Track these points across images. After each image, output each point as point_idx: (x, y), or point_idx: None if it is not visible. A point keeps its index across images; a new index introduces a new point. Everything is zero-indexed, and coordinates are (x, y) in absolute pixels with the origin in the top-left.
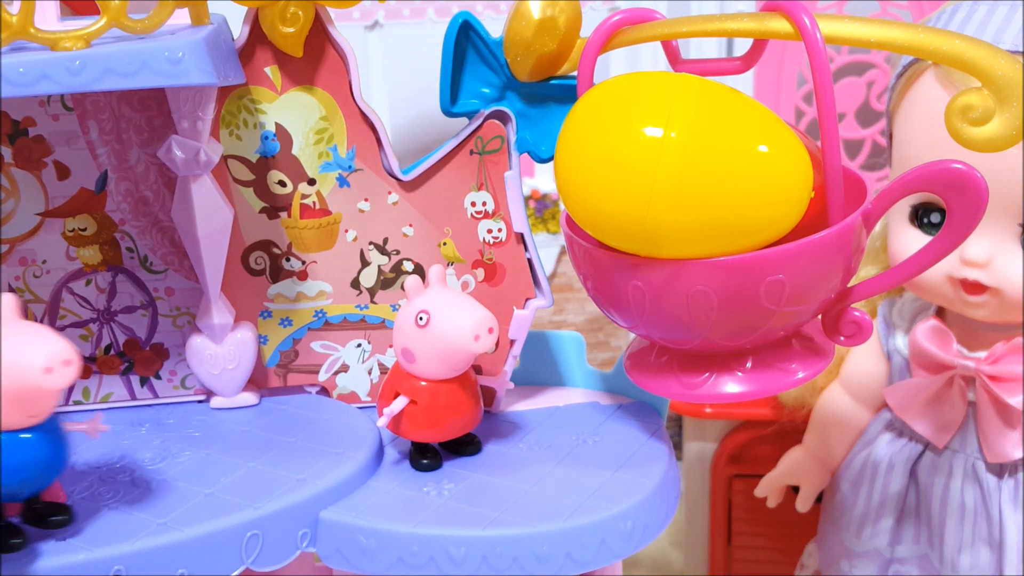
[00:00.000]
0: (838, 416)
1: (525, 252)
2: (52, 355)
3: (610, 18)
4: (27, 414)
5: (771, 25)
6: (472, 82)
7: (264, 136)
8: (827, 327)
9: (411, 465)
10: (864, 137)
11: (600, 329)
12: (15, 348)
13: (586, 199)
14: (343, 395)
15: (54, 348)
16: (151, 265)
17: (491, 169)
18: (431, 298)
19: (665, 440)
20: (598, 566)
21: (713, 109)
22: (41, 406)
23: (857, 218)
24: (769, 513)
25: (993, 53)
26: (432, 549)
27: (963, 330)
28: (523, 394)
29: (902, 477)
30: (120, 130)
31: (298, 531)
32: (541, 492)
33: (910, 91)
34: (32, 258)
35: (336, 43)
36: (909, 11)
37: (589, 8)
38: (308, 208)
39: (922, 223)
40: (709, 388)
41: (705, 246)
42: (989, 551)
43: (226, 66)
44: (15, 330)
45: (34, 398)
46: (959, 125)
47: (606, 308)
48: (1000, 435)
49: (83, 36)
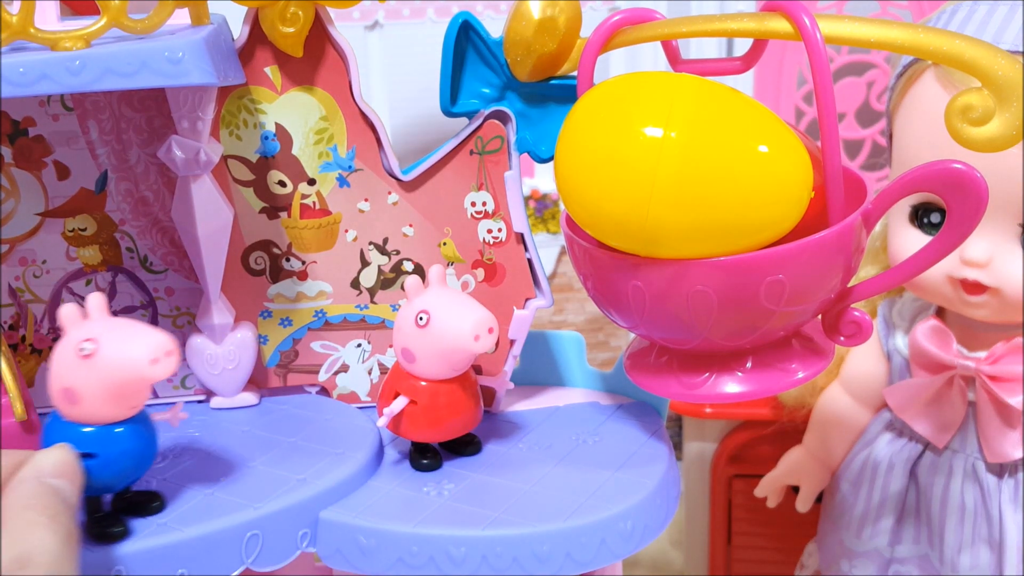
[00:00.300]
0: (838, 416)
1: (525, 252)
2: (157, 346)
3: (610, 18)
4: (129, 406)
5: (771, 25)
6: (472, 82)
7: (264, 136)
8: (827, 327)
9: (411, 465)
10: (864, 137)
11: (600, 329)
12: (119, 343)
13: (586, 199)
14: (343, 395)
15: (157, 340)
16: (151, 265)
17: (491, 169)
18: (431, 298)
19: (665, 440)
20: (598, 566)
21: (713, 109)
22: (141, 397)
23: (857, 218)
24: (769, 513)
25: (993, 53)
26: (432, 549)
27: (963, 330)
28: (523, 394)
29: (902, 477)
30: (120, 130)
31: (298, 531)
32: (541, 492)
33: (910, 91)
34: (32, 258)
35: (336, 43)
36: (909, 11)
37: (589, 8)
38: (308, 208)
39: (922, 223)
40: (709, 388)
41: (705, 246)
42: (989, 551)
43: (226, 66)
44: (111, 326)
45: (138, 390)
46: (959, 125)
47: (606, 308)
48: (1000, 435)
49: (83, 36)
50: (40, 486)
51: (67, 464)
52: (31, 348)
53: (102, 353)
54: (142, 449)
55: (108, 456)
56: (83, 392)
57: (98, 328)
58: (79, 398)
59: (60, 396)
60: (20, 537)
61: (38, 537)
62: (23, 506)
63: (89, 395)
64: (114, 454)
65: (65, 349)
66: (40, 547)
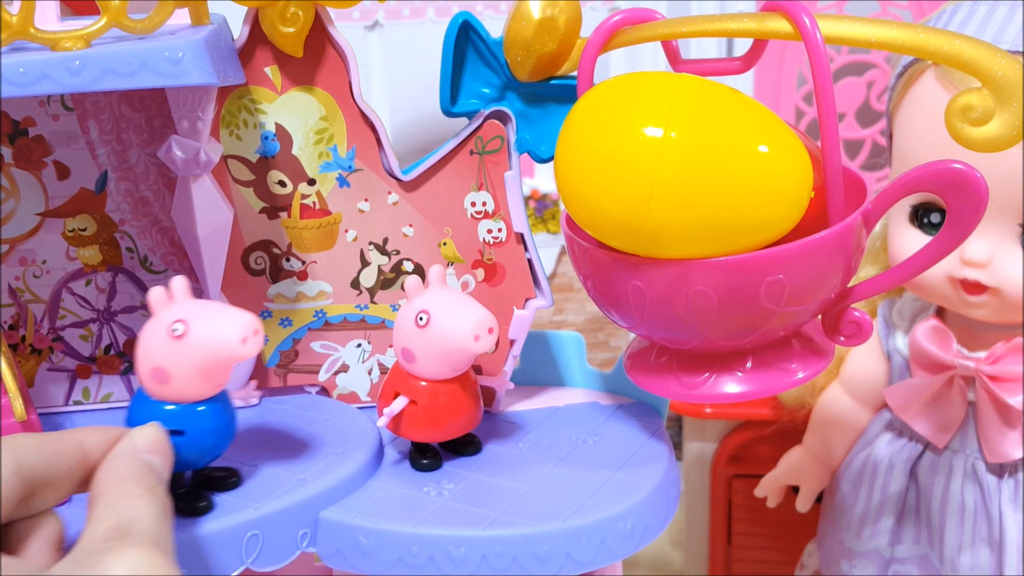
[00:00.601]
0: (838, 416)
1: (525, 252)
2: (245, 326)
3: (610, 18)
4: (215, 384)
5: (771, 25)
6: (472, 82)
7: (264, 136)
8: (827, 327)
9: (411, 465)
10: (864, 137)
11: (600, 329)
12: (210, 325)
13: (586, 199)
14: (343, 395)
15: (245, 320)
16: (151, 265)
17: (491, 169)
18: (431, 298)
19: (665, 440)
20: (598, 566)
21: (713, 109)
22: (227, 376)
23: (857, 218)
24: (769, 513)
25: (993, 53)
26: (432, 549)
27: (963, 330)
28: (523, 394)
29: (902, 477)
30: (120, 130)
31: (298, 531)
32: (541, 492)
33: (910, 91)
34: (32, 258)
35: (336, 43)
36: (909, 11)
37: (589, 8)
38: (308, 208)
39: (922, 223)
40: (709, 388)
41: (705, 246)
42: (989, 551)
43: (226, 66)
44: (199, 307)
45: (226, 369)
46: (959, 125)
47: (606, 308)
48: (1000, 435)
49: (83, 36)
50: (136, 461)
51: (160, 441)
52: (31, 348)
53: (192, 333)
54: (224, 427)
55: (194, 433)
56: (174, 371)
57: (187, 309)
58: (169, 377)
59: (150, 376)
60: (120, 508)
61: (137, 508)
62: (121, 479)
63: (180, 374)
64: (199, 431)
65: (155, 330)
66: (139, 516)
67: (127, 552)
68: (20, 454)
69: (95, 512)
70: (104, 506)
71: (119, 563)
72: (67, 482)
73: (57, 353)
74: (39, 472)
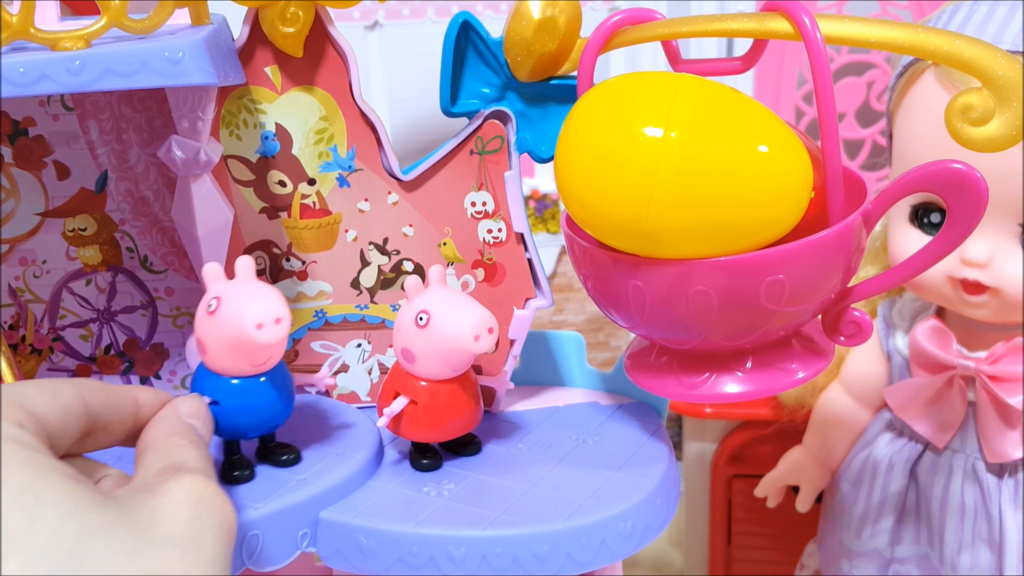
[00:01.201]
0: (838, 416)
1: (525, 252)
2: (263, 313)
3: (610, 18)
4: (252, 364)
5: (771, 25)
6: (472, 82)
7: (264, 136)
8: (827, 327)
9: (411, 465)
10: (864, 137)
11: (600, 329)
12: (237, 305)
13: (586, 199)
14: (343, 395)
15: (266, 307)
16: (151, 265)
17: (491, 169)
18: (431, 298)
19: (665, 440)
20: (598, 566)
21: (713, 109)
22: (261, 357)
23: (857, 218)
24: (769, 513)
25: (993, 53)
26: (432, 549)
27: (963, 330)
28: (523, 394)
29: (902, 477)
30: (120, 130)
31: (298, 531)
32: (541, 492)
33: (910, 91)
34: (32, 258)
35: (336, 43)
36: (909, 11)
37: (589, 8)
38: (308, 208)
39: (922, 223)
40: (709, 388)
41: (705, 246)
42: (989, 551)
43: (226, 66)
44: (240, 290)
45: (252, 350)
46: (959, 125)
47: (606, 308)
48: (1000, 435)
49: (83, 36)
50: (180, 422)
51: (200, 408)
52: (31, 348)
53: (221, 312)
54: (272, 402)
55: (229, 406)
56: (208, 344)
57: (229, 289)
58: (205, 349)
59: (196, 345)
60: (170, 453)
61: (186, 453)
62: (167, 434)
63: (212, 348)
64: (233, 405)
65: (201, 304)
66: (189, 457)
67: (184, 479)
68: (86, 392)
69: (144, 460)
70: (153, 453)
71: (177, 487)
72: (119, 429)
73: (57, 353)
74: (100, 414)
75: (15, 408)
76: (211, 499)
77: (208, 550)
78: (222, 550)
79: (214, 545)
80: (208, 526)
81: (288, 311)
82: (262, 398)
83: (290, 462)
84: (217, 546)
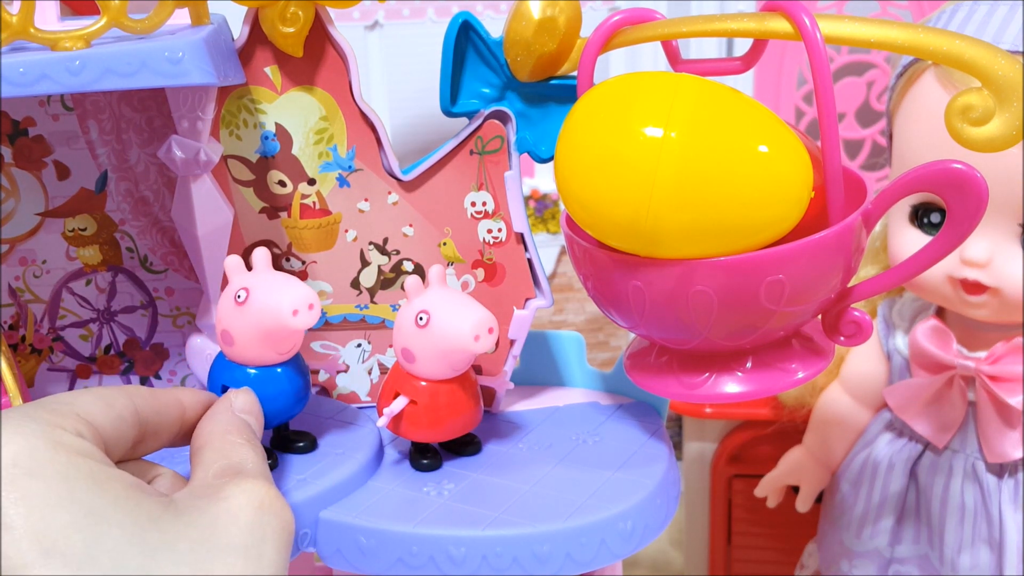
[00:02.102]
0: (838, 416)
1: (525, 252)
2: (298, 299)
3: (610, 18)
4: (278, 352)
5: (771, 25)
6: (472, 82)
7: (264, 136)
8: (827, 327)
9: (411, 465)
10: (864, 137)
11: (600, 329)
12: (268, 294)
13: (586, 199)
14: (343, 395)
15: (300, 293)
16: (151, 265)
17: (491, 169)
18: (431, 298)
19: (665, 440)
20: (598, 566)
21: (713, 109)
22: (288, 344)
23: (857, 218)
24: (769, 513)
25: (993, 53)
26: (432, 549)
27: (963, 330)
28: (523, 394)
29: (902, 477)
30: (120, 130)
31: (298, 531)
32: (541, 492)
33: (910, 91)
34: (32, 258)
35: (336, 43)
36: (909, 11)
37: (589, 8)
38: (308, 208)
39: (922, 223)
40: (709, 388)
41: (705, 246)
42: (989, 551)
43: (226, 66)
44: (267, 279)
45: (283, 337)
46: (959, 125)
47: (606, 308)
48: (1000, 435)
49: (83, 36)
50: (235, 418)
51: (253, 403)
52: (31, 348)
53: (252, 301)
54: (292, 391)
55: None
56: (236, 335)
57: (254, 279)
58: (233, 340)
59: (220, 337)
60: (227, 452)
61: (243, 453)
62: (224, 431)
63: (241, 338)
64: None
65: (226, 296)
66: (247, 458)
67: (244, 483)
68: (137, 399)
69: (202, 458)
70: (211, 452)
71: (238, 491)
72: (167, 433)
73: (57, 353)
74: (150, 420)
75: (73, 418)
76: (271, 505)
77: (269, 557)
78: (282, 556)
79: (275, 551)
80: (270, 533)
81: (317, 297)
82: (280, 387)
83: (306, 449)
84: (278, 552)
